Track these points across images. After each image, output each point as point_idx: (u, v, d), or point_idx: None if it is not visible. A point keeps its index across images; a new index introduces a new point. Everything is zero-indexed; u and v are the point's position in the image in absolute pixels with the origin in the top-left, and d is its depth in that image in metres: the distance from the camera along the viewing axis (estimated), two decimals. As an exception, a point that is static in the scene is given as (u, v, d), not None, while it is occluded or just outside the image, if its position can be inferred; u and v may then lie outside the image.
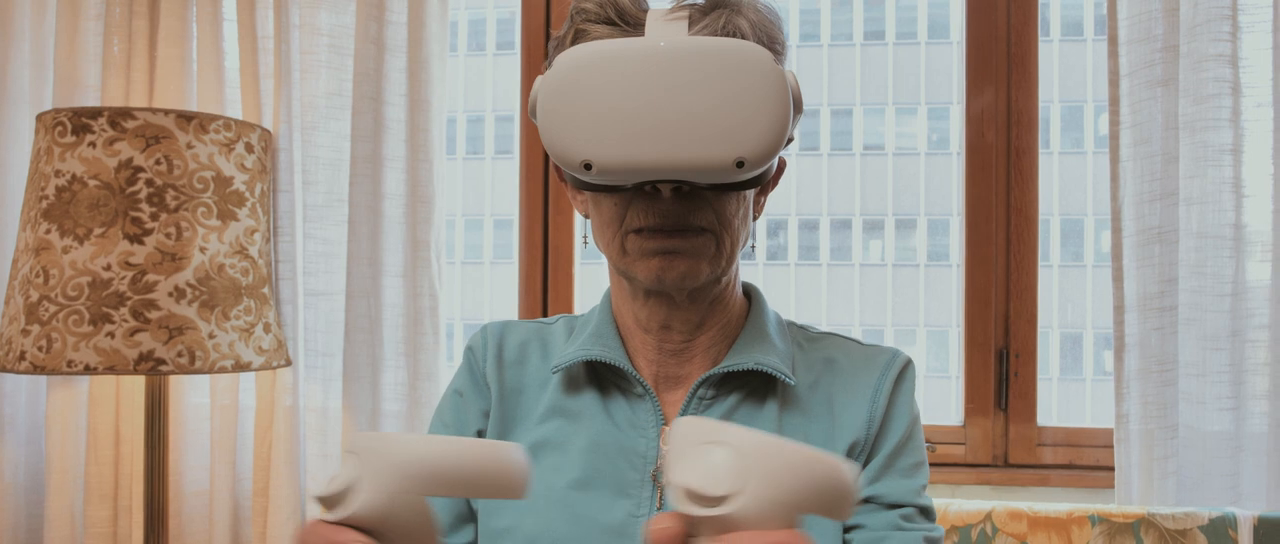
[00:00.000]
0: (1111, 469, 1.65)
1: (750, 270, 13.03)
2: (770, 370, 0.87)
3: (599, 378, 0.92)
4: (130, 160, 1.41)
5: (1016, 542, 1.39)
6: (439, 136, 1.74)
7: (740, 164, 0.75)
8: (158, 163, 1.42)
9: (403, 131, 1.72)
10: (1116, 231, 1.58)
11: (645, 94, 0.75)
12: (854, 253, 16.90)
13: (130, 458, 1.75)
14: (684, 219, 0.82)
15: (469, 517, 0.95)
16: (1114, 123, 1.58)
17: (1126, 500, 1.54)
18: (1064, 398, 15.46)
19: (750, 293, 0.96)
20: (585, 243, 0.92)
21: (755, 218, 0.91)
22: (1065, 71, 15.86)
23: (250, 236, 1.52)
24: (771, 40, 0.84)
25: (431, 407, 1.71)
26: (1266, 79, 1.53)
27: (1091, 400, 15.40)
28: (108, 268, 1.40)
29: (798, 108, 0.80)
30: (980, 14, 1.74)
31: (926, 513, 0.88)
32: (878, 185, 16.78)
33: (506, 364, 0.96)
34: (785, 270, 16.53)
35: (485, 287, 16.51)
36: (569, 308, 1.83)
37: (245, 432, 1.74)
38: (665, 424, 0.89)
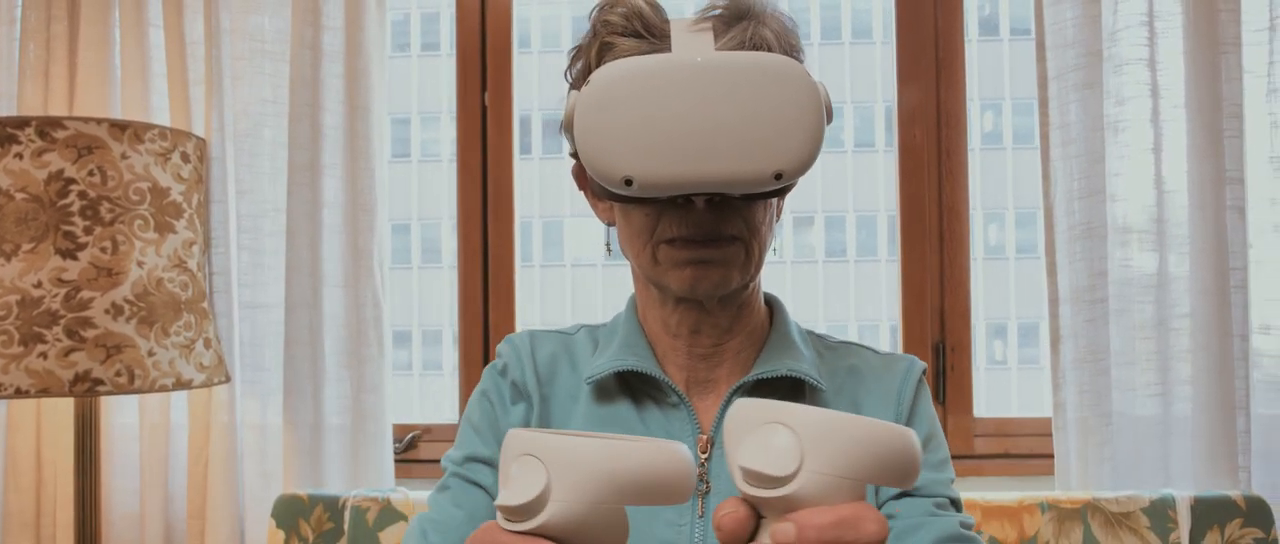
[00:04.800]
0: (1044, 457, 1.71)
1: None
2: (802, 376, 0.88)
3: (631, 388, 0.92)
4: (61, 172, 1.35)
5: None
6: (380, 142, 1.70)
7: (779, 177, 0.76)
8: (91, 174, 1.36)
9: (341, 138, 1.68)
10: (1049, 228, 1.64)
11: (684, 109, 0.75)
12: (753, 250, 17.10)
13: (53, 482, 1.67)
14: (716, 229, 0.83)
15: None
16: (1043, 124, 1.64)
17: (1067, 486, 1.61)
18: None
19: (771, 301, 0.97)
20: (609, 252, 0.92)
21: (777, 219, 0.92)
22: (952, 71, 16.31)
23: (188, 249, 1.47)
24: (793, 48, 0.85)
25: (377, 419, 1.67)
26: (1181, 81, 1.60)
27: (986, 387, 15.90)
28: (38, 285, 1.34)
29: (829, 117, 0.81)
30: (909, 15, 1.78)
31: (956, 504, 0.90)
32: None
33: (541, 375, 0.95)
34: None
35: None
36: (510, 317, 1.81)
37: (177, 451, 1.68)
38: (702, 433, 0.89)
